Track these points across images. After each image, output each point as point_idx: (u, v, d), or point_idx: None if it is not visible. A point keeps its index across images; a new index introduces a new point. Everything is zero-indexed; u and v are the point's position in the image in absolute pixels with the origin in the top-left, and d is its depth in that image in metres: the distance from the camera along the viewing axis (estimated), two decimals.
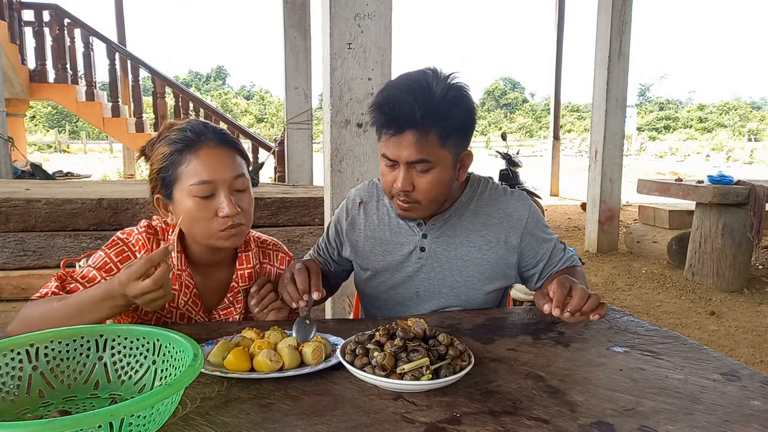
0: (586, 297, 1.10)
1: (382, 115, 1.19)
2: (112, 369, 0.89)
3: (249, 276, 1.31)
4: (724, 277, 4.71)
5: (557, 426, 0.78)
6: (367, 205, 1.46)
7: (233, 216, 1.16)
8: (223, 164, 1.18)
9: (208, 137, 1.19)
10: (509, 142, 8.67)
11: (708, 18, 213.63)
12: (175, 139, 1.19)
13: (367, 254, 1.43)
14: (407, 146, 1.18)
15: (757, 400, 0.86)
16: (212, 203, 1.17)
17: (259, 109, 52.03)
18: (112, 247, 1.23)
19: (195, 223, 1.17)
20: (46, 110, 40.56)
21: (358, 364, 0.91)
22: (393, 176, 1.23)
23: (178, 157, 1.17)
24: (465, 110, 1.21)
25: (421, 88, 1.17)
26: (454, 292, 1.37)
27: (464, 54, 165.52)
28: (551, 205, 10.29)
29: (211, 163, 1.17)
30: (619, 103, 6.18)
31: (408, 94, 1.16)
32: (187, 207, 1.16)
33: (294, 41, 6.27)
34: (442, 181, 1.23)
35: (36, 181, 4.63)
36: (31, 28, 7.02)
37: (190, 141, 1.18)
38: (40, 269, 2.84)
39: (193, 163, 1.16)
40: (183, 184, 1.17)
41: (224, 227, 1.17)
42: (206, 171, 1.16)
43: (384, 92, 1.22)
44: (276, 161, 6.66)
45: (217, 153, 1.18)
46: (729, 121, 45.31)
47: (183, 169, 1.17)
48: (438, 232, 1.37)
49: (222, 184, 1.17)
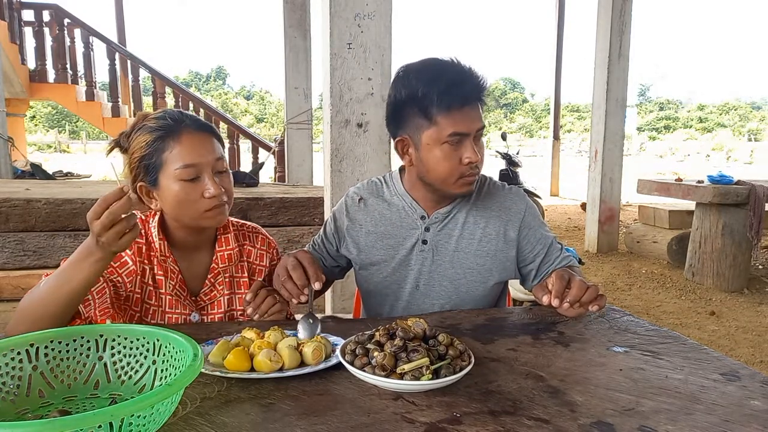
0: (584, 288, 1.11)
1: (458, 90, 1.23)
2: (112, 369, 0.89)
3: (228, 258, 1.35)
4: (724, 277, 4.71)
5: (557, 426, 0.78)
6: (368, 202, 1.48)
7: (219, 196, 1.22)
8: (204, 148, 1.23)
9: (187, 123, 1.24)
10: (509, 142, 8.67)
11: (708, 18, 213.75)
12: (155, 127, 1.23)
13: (370, 249, 1.44)
14: (477, 117, 1.27)
15: (757, 400, 0.86)
16: (198, 185, 1.22)
17: (259, 109, 52.06)
18: None
19: (182, 205, 1.22)
20: (46, 110, 40.58)
21: (358, 364, 0.91)
22: (459, 153, 1.26)
23: (161, 143, 1.21)
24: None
25: (464, 65, 1.27)
26: (454, 284, 1.39)
27: (464, 54, 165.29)
28: (551, 205, 10.29)
29: (193, 148, 1.22)
30: (619, 103, 6.18)
31: (467, 70, 1.26)
32: (173, 191, 1.21)
33: (294, 41, 6.27)
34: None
35: (36, 181, 4.63)
36: (31, 28, 7.01)
37: (171, 127, 1.22)
38: (40, 269, 2.84)
39: (176, 148, 1.21)
40: (168, 169, 1.21)
41: (210, 207, 1.22)
42: (190, 155, 1.21)
43: (439, 71, 1.26)
44: (276, 161, 6.66)
45: (198, 137, 1.24)
46: (729, 121, 45.32)
47: (167, 155, 1.21)
48: (440, 226, 1.40)
49: (206, 166, 1.22)
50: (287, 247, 3.05)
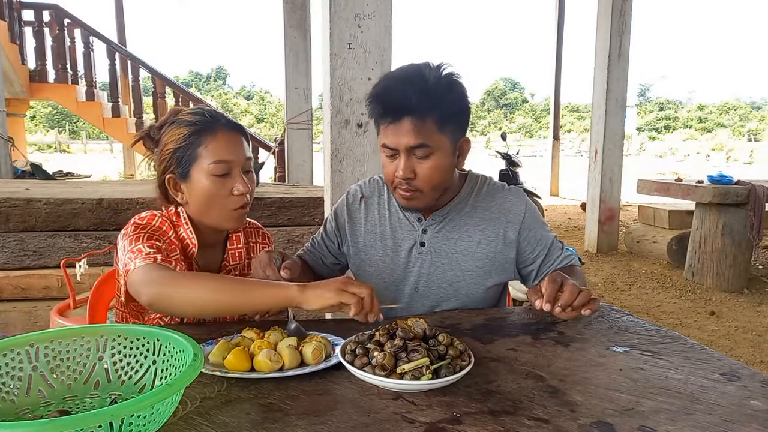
0: (576, 292, 1.11)
1: (380, 105, 1.23)
2: (112, 369, 0.89)
3: (239, 255, 1.40)
4: (724, 277, 4.71)
5: (557, 426, 0.78)
6: (368, 200, 1.48)
7: (246, 194, 1.26)
8: (237, 146, 1.27)
9: (223, 122, 1.28)
10: (509, 142, 8.67)
11: (708, 18, 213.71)
12: (192, 121, 1.26)
13: (368, 249, 1.44)
14: (406, 133, 1.21)
15: (757, 400, 0.86)
16: (227, 182, 1.25)
17: (260, 109, 52.07)
18: (141, 231, 1.21)
19: (212, 200, 1.25)
20: (47, 110, 40.58)
21: (358, 364, 0.91)
22: (394, 166, 1.26)
23: (197, 138, 1.25)
24: (460, 96, 1.25)
25: (415, 77, 1.22)
26: (454, 287, 1.38)
27: (464, 54, 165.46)
28: (551, 205, 10.29)
29: (229, 144, 1.26)
30: (619, 103, 6.18)
31: (403, 82, 1.21)
32: (204, 185, 1.24)
33: (294, 41, 6.27)
34: (442, 167, 1.26)
35: (36, 181, 4.63)
36: (31, 28, 7.02)
37: (208, 123, 1.26)
38: (40, 269, 2.84)
39: (212, 144, 1.24)
40: (202, 163, 1.24)
41: (237, 206, 1.26)
42: (225, 151, 1.24)
43: (379, 84, 1.26)
44: (276, 161, 6.66)
45: (232, 136, 1.27)
46: (729, 121, 45.33)
47: (202, 149, 1.24)
48: (437, 228, 1.39)
49: (237, 164, 1.26)
50: (287, 247, 3.05)
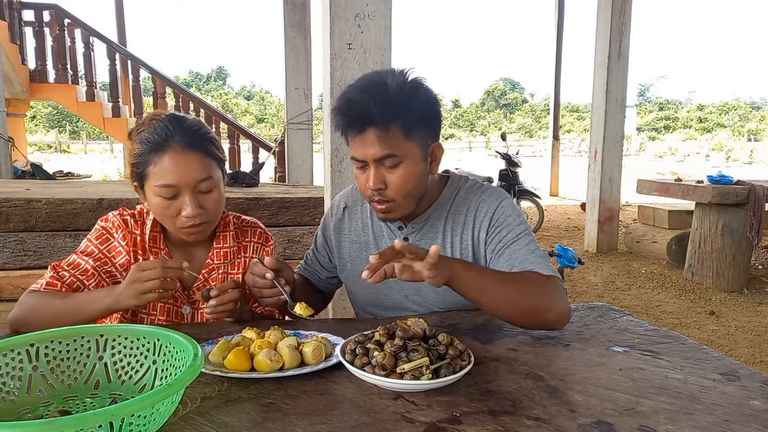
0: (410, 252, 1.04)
1: (343, 118, 1.21)
2: (112, 369, 0.89)
3: (225, 255, 1.38)
4: (723, 277, 4.71)
5: (557, 426, 0.78)
6: (352, 210, 1.46)
7: (194, 217, 1.22)
8: (187, 168, 1.21)
9: (176, 140, 1.22)
10: (509, 142, 8.68)
11: (708, 18, 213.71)
12: (145, 139, 1.23)
13: (354, 260, 1.43)
14: (371, 144, 1.19)
15: (756, 400, 0.86)
16: (176, 202, 1.23)
17: (260, 110, 52.07)
18: (94, 233, 1.34)
19: (162, 218, 1.27)
20: (47, 110, 40.56)
21: (358, 363, 0.92)
22: (365, 177, 1.23)
23: (146, 157, 1.23)
24: (425, 101, 1.22)
25: (376, 86, 1.19)
26: (440, 294, 1.34)
27: (464, 54, 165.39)
28: (551, 205, 10.29)
29: (176, 167, 1.21)
30: (618, 104, 6.18)
31: (363, 93, 1.18)
32: (154, 203, 1.24)
33: (294, 41, 6.27)
34: (414, 175, 1.23)
35: (36, 181, 4.63)
36: (31, 28, 7.01)
37: (158, 144, 1.22)
38: (40, 269, 2.84)
39: (158, 165, 1.21)
40: (150, 182, 1.23)
41: (186, 225, 1.24)
42: (171, 175, 1.20)
43: (342, 96, 1.23)
44: (276, 161, 6.66)
45: (182, 157, 1.21)
46: (729, 121, 45.31)
47: (150, 169, 1.22)
48: (418, 235, 1.36)
49: (185, 187, 1.22)
50: (287, 247, 3.05)
